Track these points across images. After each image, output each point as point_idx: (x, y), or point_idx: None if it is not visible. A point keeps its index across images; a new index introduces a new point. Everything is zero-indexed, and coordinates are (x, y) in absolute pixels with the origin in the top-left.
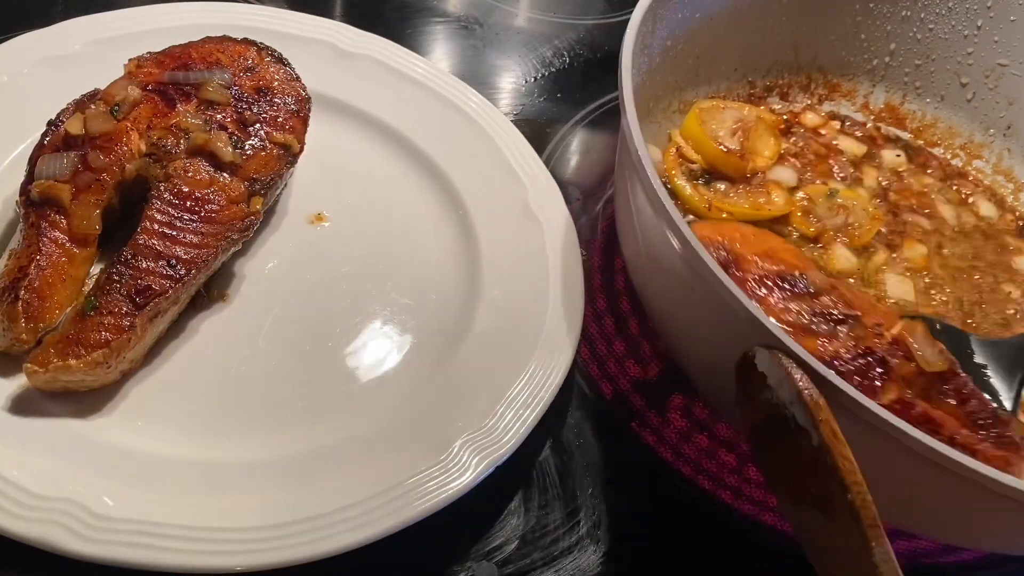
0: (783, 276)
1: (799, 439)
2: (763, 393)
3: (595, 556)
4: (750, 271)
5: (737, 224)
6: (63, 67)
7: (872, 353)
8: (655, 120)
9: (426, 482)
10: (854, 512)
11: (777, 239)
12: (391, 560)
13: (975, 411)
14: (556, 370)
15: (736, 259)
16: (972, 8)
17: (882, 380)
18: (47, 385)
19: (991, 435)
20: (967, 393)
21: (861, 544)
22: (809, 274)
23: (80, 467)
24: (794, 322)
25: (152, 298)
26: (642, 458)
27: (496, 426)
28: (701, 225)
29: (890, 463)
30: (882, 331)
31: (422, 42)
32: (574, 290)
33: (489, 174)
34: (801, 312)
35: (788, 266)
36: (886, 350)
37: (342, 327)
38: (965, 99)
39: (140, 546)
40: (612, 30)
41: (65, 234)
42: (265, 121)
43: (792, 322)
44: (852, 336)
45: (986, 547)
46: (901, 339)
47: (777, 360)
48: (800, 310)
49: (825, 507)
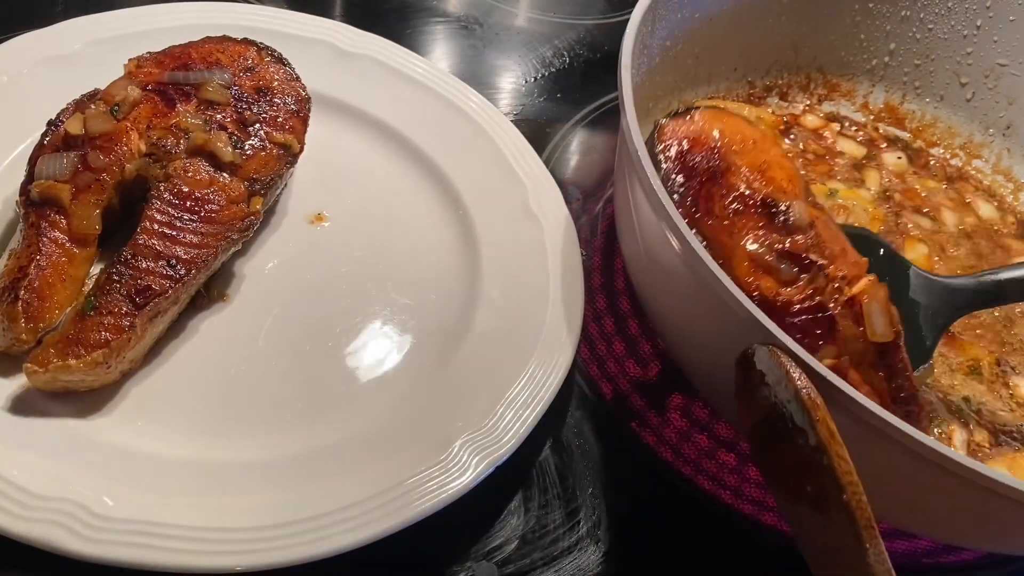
0: (766, 201)
1: (796, 438)
2: (761, 391)
3: (595, 556)
4: (735, 186)
5: (741, 123)
6: (63, 67)
7: (823, 310)
8: (655, 120)
9: (426, 482)
10: (849, 512)
11: (778, 151)
12: (391, 560)
13: (900, 387)
14: (556, 370)
15: (725, 169)
16: (971, 8)
17: (824, 340)
18: (47, 385)
19: (904, 417)
20: (900, 368)
21: (855, 544)
22: (794, 205)
23: (80, 467)
24: (758, 256)
25: (152, 298)
26: (642, 458)
27: (496, 426)
28: (706, 112)
29: (890, 464)
30: (842, 287)
31: (422, 42)
32: (574, 290)
33: (489, 174)
34: (770, 247)
35: (776, 188)
36: (839, 311)
37: (342, 327)
38: (964, 99)
39: (140, 546)
40: (612, 30)
41: (65, 234)
42: (265, 121)
43: (758, 258)
44: (810, 286)
45: (986, 547)
46: (858, 300)
47: (776, 358)
48: (768, 243)
49: (821, 506)
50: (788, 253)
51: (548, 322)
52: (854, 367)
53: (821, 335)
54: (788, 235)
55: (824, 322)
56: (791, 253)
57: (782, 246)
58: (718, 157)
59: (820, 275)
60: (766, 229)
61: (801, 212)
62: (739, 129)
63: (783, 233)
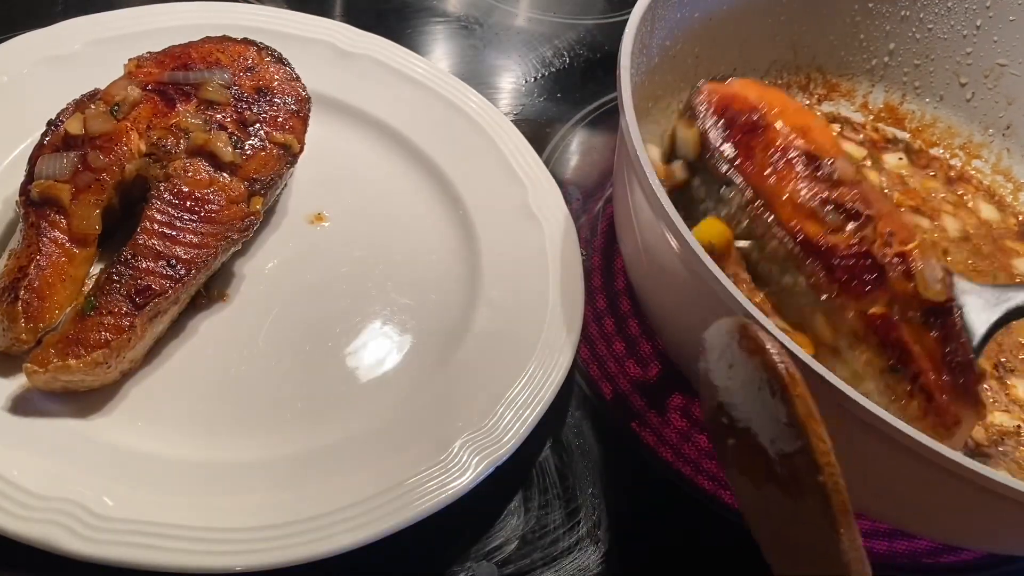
0: (810, 155)
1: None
2: (723, 371)
3: (595, 556)
4: (776, 140)
5: (783, 95)
6: (63, 67)
7: (871, 257)
8: (654, 120)
9: (426, 482)
10: (825, 494)
11: (819, 121)
12: (391, 560)
13: (952, 353)
14: (556, 370)
15: (766, 126)
16: (971, 8)
17: (872, 287)
18: (47, 385)
19: (957, 384)
20: (954, 333)
21: (828, 530)
22: (838, 162)
23: (80, 467)
24: (803, 203)
25: (152, 298)
26: (642, 458)
27: (496, 426)
28: (747, 83)
29: (889, 463)
30: (892, 241)
31: (422, 42)
32: (574, 290)
33: (489, 174)
34: (815, 195)
35: (819, 148)
36: (887, 262)
37: (342, 327)
38: (964, 99)
39: (140, 546)
40: (612, 30)
41: (65, 234)
42: (265, 121)
43: (801, 203)
44: (858, 235)
45: (986, 547)
46: (909, 256)
47: (750, 332)
48: (814, 192)
49: (791, 491)
50: (834, 201)
51: (548, 322)
52: (905, 323)
53: (869, 282)
54: (834, 187)
55: (873, 270)
56: (837, 202)
57: (827, 195)
58: (759, 115)
59: (868, 226)
60: (810, 180)
61: (846, 167)
62: (780, 98)
63: (827, 186)
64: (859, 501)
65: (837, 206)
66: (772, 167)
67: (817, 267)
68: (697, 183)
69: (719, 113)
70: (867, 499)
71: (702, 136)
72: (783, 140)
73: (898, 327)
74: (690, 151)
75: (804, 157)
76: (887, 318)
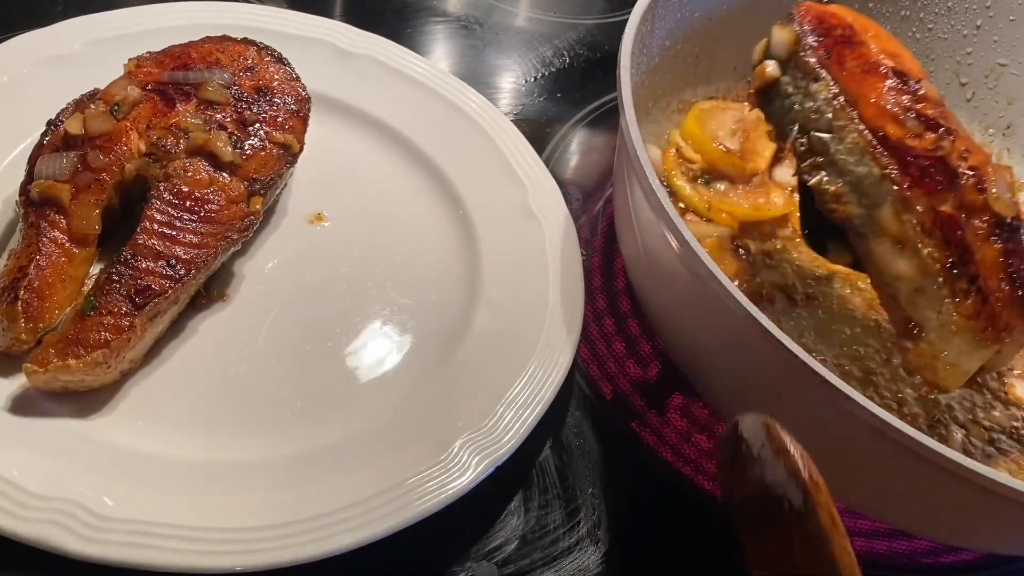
0: (898, 71)
1: (791, 521)
2: (752, 467)
3: (595, 556)
4: (867, 55)
5: (873, 22)
6: (63, 67)
7: (945, 163)
8: (654, 120)
9: (426, 482)
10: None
11: (907, 51)
12: (391, 560)
13: (1013, 266)
14: (556, 370)
15: (859, 42)
16: (971, 8)
17: (943, 189)
18: (47, 385)
19: (1014, 294)
20: (1018, 250)
21: None
22: (924, 82)
23: (80, 467)
24: (887, 107)
25: (152, 298)
26: (642, 458)
27: (496, 426)
28: (844, 7)
29: (890, 463)
30: (967, 156)
31: (422, 42)
32: (574, 290)
33: (489, 174)
34: (900, 103)
35: (907, 70)
36: (961, 171)
37: (342, 327)
38: (964, 99)
39: (140, 546)
40: (612, 30)
41: (65, 234)
42: (265, 121)
43: (886, 109)
44: (936, 143)
45: (986, 547)
46: (982, 169)
47: (773, 433)
48: (899, 101)
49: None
50: (917, 112)
51: (548, 322)
52: (971, 231)
53: (941, 183)
54: (918, 102)
55: (946, 173)
56: (920, 113)
57: (911, 106)
58: (853, 31)
59: (947, 139)
60: (897, 93)
61: (932, 89)
62: (870, 24)
63: (912, 99)
64: (860, 501)
65: (919, 116)
66: (861, 72)
67: (893, 161)
68: (787, 80)
69: (816, 22)
70: (867, 499)
71: (798, 36)
72: (874, 55)
73: (964, 228)
74: (783, 51)
75: (893, 72)
76: (955, 217)
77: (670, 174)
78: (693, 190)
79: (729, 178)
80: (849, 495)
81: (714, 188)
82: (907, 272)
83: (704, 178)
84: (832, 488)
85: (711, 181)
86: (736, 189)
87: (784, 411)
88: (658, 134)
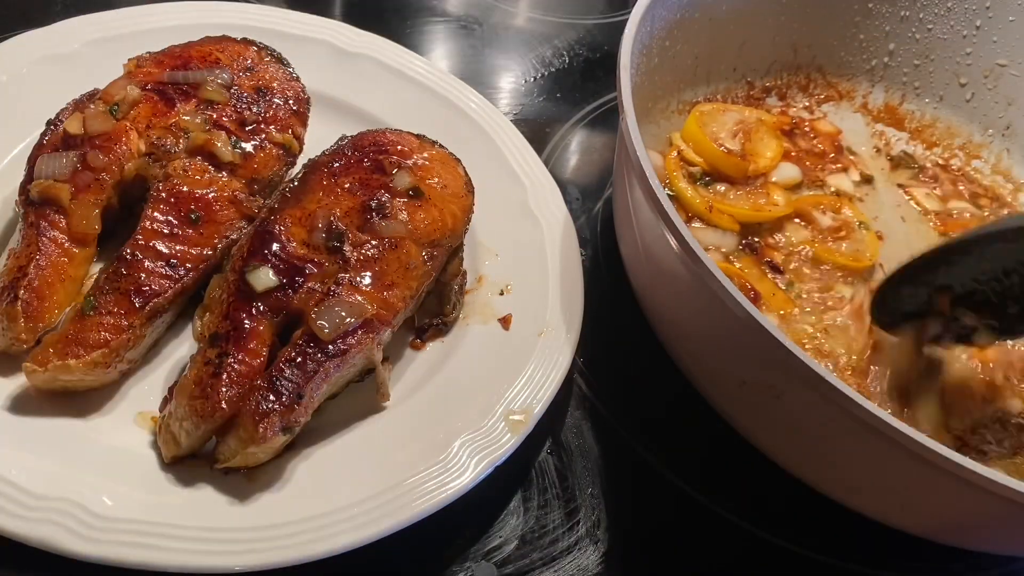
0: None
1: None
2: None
3: (595, 556)
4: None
5: None
6: (63, 66)
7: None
8: (654, 120)
9: (426, 482)
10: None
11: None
12: (391, 560)
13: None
14: (556, 370)
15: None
16: (971, 8)
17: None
18: (47, 385)
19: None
20: None
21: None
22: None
23: (80, 467)
24: None
25: (152, 298)
26: (641, 458)
27: (496, 426)
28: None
29: (889, 463)
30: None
31: (422, 42)
32: (574, 290)
33: (489, 174)
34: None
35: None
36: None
37: None
38: (964, 99)
39: (140, 546)
40: (612, 30)
41: (64, 234)
42: (264, 121)
43: None
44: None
45: (986, 547)
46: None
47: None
48: None
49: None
50: None
51: (548, 322)
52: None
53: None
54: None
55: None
56: None
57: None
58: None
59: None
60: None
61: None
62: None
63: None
64: (860, 501)
65: None
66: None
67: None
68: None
69: None
70: (868, 499)
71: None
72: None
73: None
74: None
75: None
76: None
77: (671, 176)
78: (694, 191)
79: (730, 179)
80: (849, 495)
81: (715, 189)
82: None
83: (705, 180)
84: (832, 488)
85: (712, 183)
86: (737, 190)
87: (784, 411)
88: (658, 135)
